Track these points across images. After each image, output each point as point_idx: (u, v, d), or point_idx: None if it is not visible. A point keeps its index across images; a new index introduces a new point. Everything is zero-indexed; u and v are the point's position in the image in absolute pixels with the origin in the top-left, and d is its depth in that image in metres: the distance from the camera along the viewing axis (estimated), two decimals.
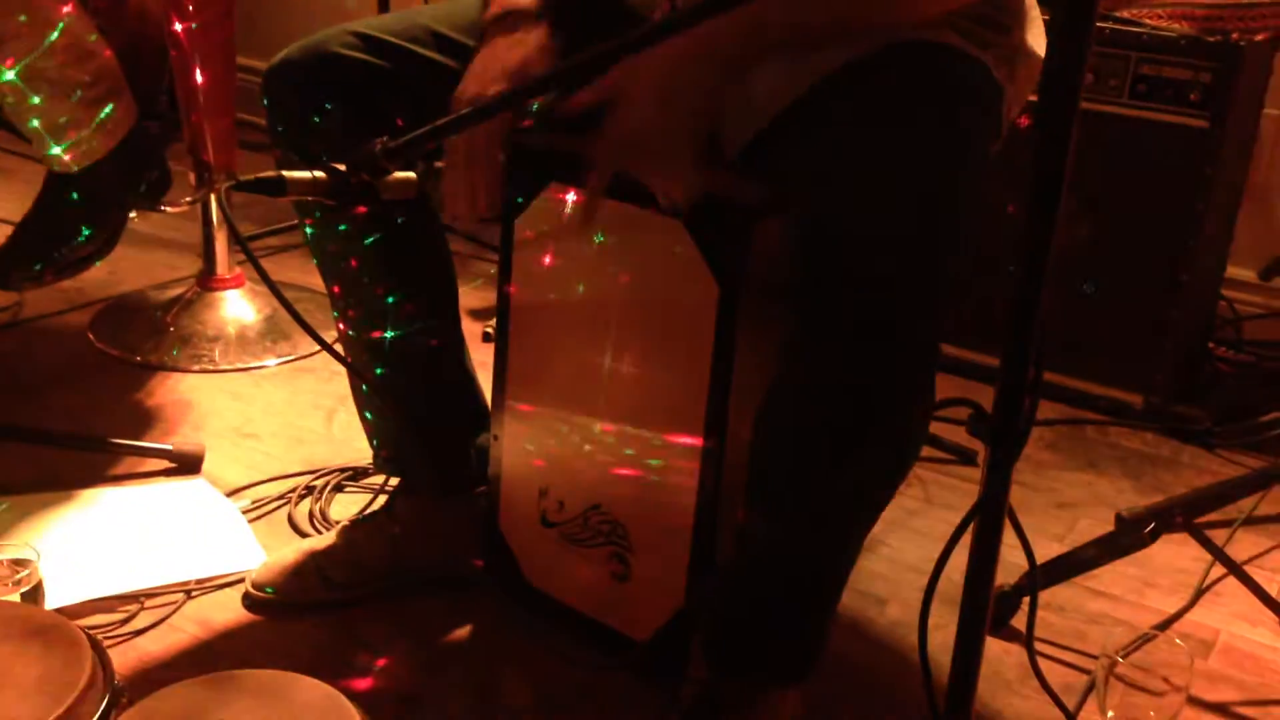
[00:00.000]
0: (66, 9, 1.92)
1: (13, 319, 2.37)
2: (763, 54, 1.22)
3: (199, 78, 2.22)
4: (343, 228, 1.44)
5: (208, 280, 2.40)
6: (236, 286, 2.41)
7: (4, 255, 2.00)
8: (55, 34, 1.89)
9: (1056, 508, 1.94)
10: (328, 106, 1.40)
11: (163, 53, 2.27)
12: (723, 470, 1.34)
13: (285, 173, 1.10)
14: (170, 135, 2.41)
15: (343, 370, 1.63)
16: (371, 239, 1.47)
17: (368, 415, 1.67)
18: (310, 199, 1.16)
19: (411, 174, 1.25)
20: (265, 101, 1.44)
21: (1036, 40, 1.33)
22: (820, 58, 1.22)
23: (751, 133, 1.28)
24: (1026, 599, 1.60)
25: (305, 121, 1.39)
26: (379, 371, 1.58)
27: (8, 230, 2.06)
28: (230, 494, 1.83)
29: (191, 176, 2.32)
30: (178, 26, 2.19)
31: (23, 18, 1.87)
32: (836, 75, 1.19)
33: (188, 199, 2.32)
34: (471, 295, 2.47)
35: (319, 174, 1.11)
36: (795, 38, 1.22)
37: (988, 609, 0.93)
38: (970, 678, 0.95)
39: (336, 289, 1.55)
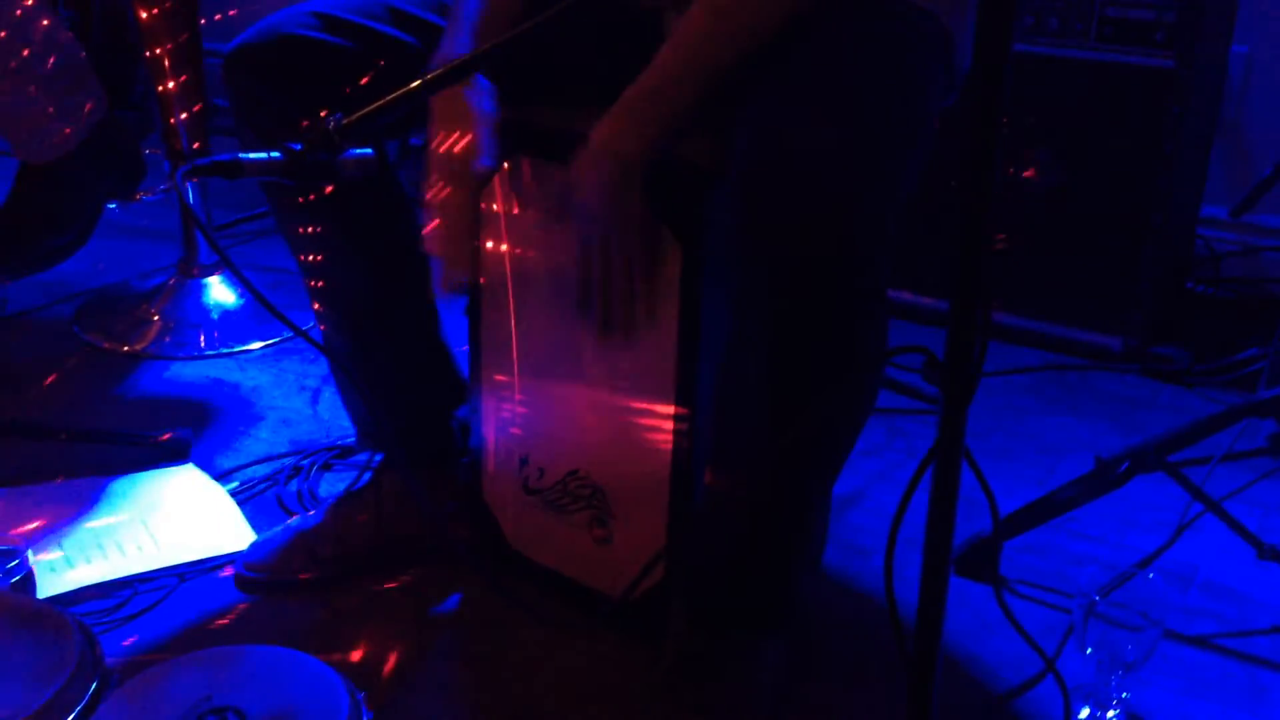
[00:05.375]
0: (29, 2, 1.93)
1: None
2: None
3: (166, 64, 2.23)
4: (305, 204, 1.45)
5: (189, 267, 2.41)
6: (218, 272, 2.42)
7: None
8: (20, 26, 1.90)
9: (1038, 452, 1.96)
10: (289, 89, 1.41)
11: (134, 43, 2.28)
12: (696, 430, 1.36)
13: (240, 154, 1.11)
14: (146, 125, 2.42)
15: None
16: (335, 213, 1.48)
17: (347, 393, 1.69)
18: (270, 180, 1.17)
19: (369, 150, 1.26)
20: (227, 86, 1.45)
21: None
22: None
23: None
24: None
25: (267, 104, 1.40)
26: (354, 347, 1.60)
27: None
28: (219, 477, 1.85)
29: (167, 165, 2.33)
30: (143, 15, 2.19)
31: None
32: (783, 33, 1.20)
33: (161, 187, 2.33)
34: None
35: (275, 155, 1.11)
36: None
37: (948, 552, 0.95)
38: (935, 619, 0.97)
39: (305, 265, 1.56)
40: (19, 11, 1.89)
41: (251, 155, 1.11)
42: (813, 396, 1.23)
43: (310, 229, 1.48)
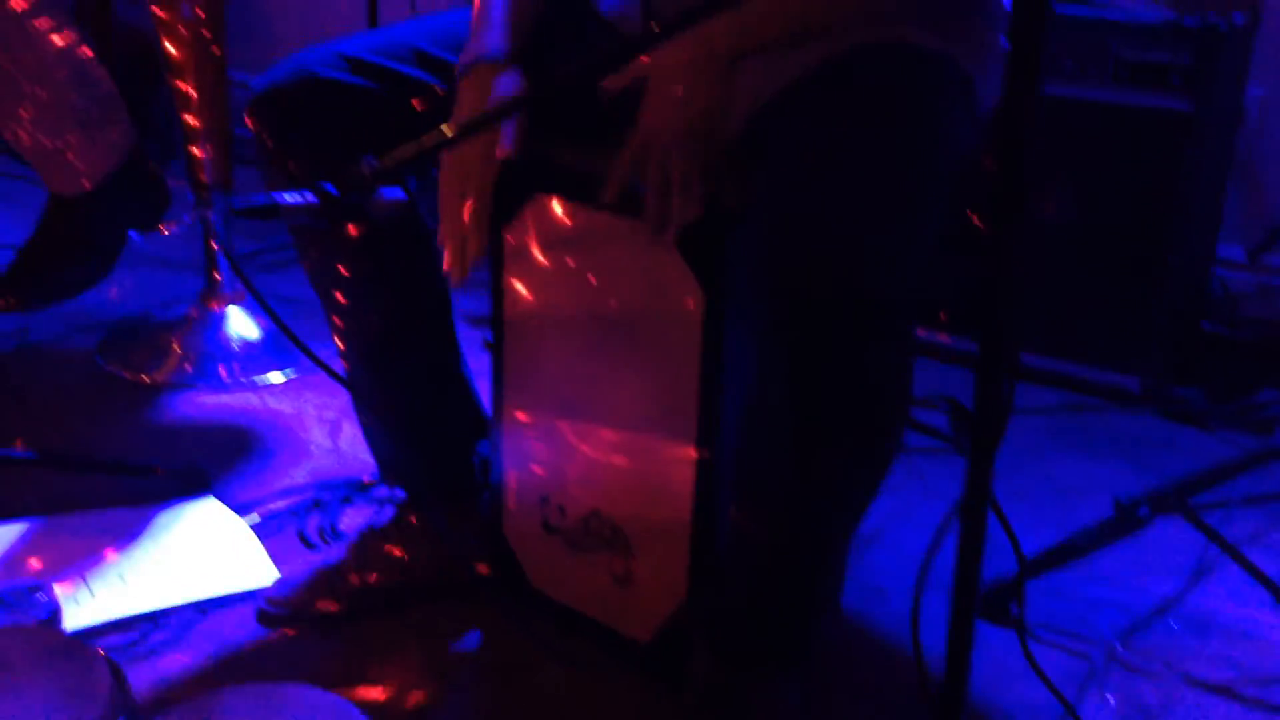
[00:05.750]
0: (60, 36, 1.95)
1: (20, 342, 2.40)
2: (746, 54, 1.26)
3: (193, 97, 2.25)
4: (332, 242, 1.47)
5: (211, 298, 2.43)
6: (239, 303, 2.44)
7: (6, 279, 2.02)
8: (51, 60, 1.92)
9: (1056, 494, 1.96)
10: (317, 130, 1.43)
11: (156, 71, 2.30)
12: (718, 470, 1.37)
13: (277, 195, 1.13)
14: (168, 153, 2.44)
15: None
16: (361, 251, 1.49)
17: (369, 427, 1.70)
18: (302, 221, 1.19)
19: (400, 192, 1.28)
20: (253, 127, 1.46)
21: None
22: (793, 58, 1.24)
23: (727, 135, 1.31)
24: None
25: (295, 145, 1.41)
26: (375, 381, 1.61)
27: (7, 255, 2.10)
28: (239, 510, 1.86)
29: (190, 196, 2.35)
30: (170, 48, 2.22)
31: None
32: (804, 80, 1.22)
33: (185, 219, 2.35)
34: (470, 302, 2.50)
35: (310, 196, 1.13)
36: (777, 36, 1.25)
37: (974, 598, 0.96)
38: (962, 666, 0.98)
39: (327, 300, 1.57)
40: (50, 43, 1.92)
41: (288, 197, 1.12)
42: (835, 437, 1.24)
43: (336, 266, 1.49)
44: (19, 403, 2.19)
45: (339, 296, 1.53)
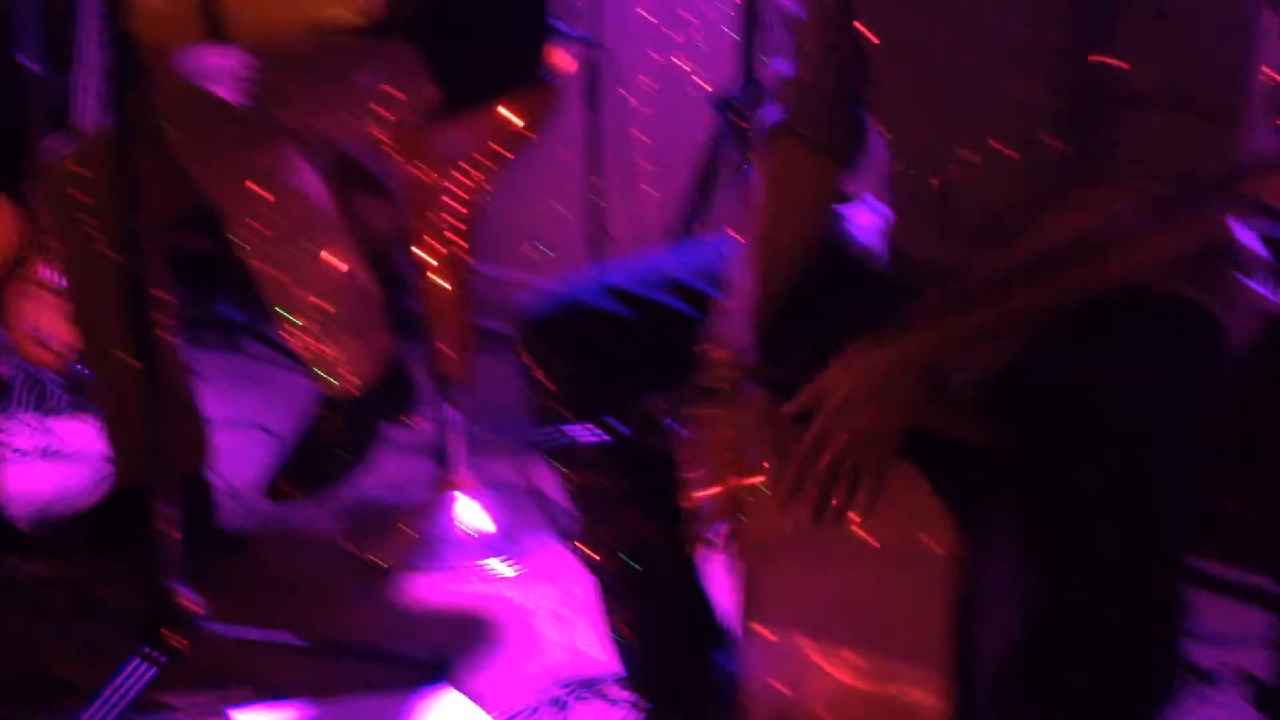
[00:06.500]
0: (334, 249, 2.11)
1: (263, 526, 2.52)
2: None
3: (439, 294, 2.40)
4: (591, 465, 1.54)
5: (446, 485, 2.54)
6: (472, 491, 2.54)
7: (286, 472, 2.18)
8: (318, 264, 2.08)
9: None
10: (581, 357, 1.51)
11: (396, 271, 2.47)
12: (968, 708, 1.36)
13: (574, 432, 1.19)
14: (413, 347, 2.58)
15: (583, 577, 1.72)
16: (618, 475, 1.56)
17: (608, 627, 1.74)
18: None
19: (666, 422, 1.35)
20: (524, 356, 1.55)
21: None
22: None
23: (976, 377, 1.34)
24: None
25: (565, 376, 1.50)
26: (616, 585, 1.66)
27: (263, 437, 2.23)
28: (475, 701, 1.91)
29: (428, 383, 2.47)
30: (417, 250, 2.38)
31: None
32: (1058, 329, 1.25)
33: (428, 411, 2.47)
34: None
35: (600, 433, 1.19)
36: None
37: None
38: None
39: (582, 506, 1.63)
40: (326, 257, 2.08)
41: (580, 437, 1.19)
42: (1102, 676, 1.23)
43: (601, 483, 1.56)
44: (260, 584, 2.31)
45: (596, 510, 1.59)
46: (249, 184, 2.00)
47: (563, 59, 2.39)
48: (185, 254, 2.41)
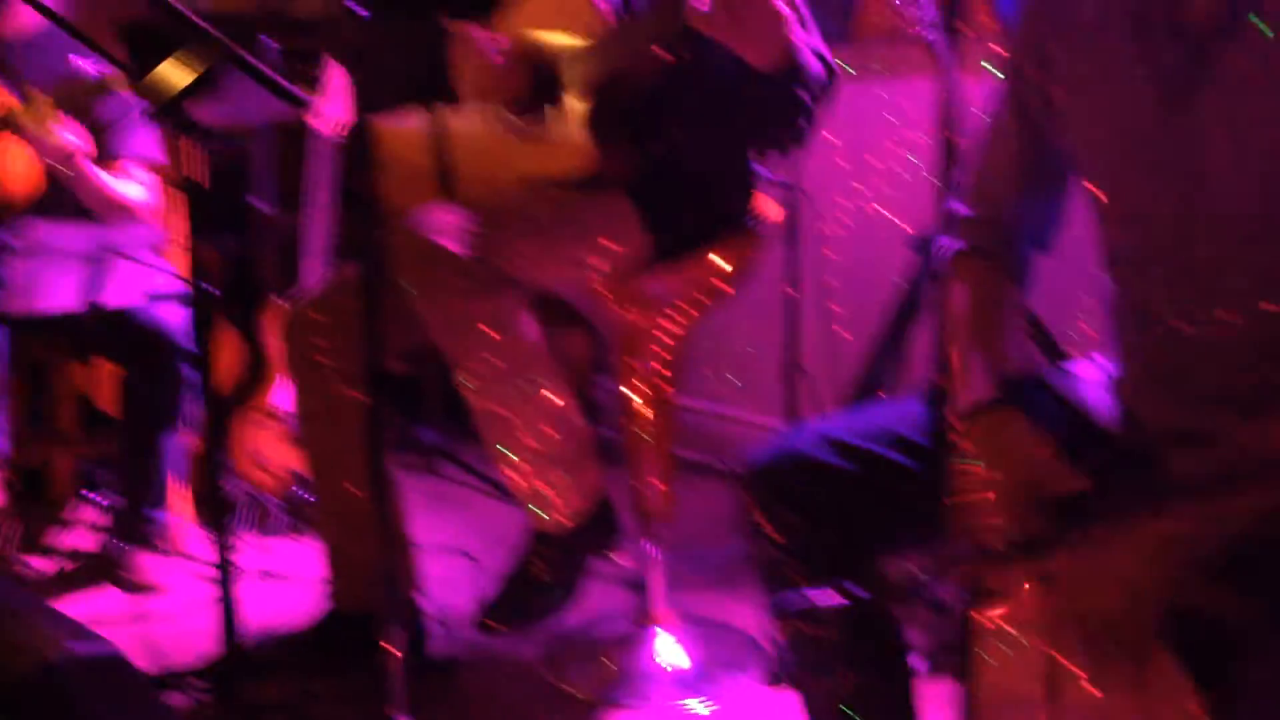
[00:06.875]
0: (552, 390, 2.20)
1: (469, 653, 2.59)
2: None
3: (645, 434, 2.47)
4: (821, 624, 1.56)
5: (645, 619, 2.58)
6: (672, 626, 2.57)
7: (497, 606, 2.25)
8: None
9: None
10: (801, 508, 1.55)
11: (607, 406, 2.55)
12: None
13: (815, 596, 1.22)
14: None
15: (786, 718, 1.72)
16: (840, 627, 1.58)
17: None
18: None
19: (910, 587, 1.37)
20: (744, 501, 1.59)
21: None
22: None
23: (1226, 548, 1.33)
24: None
25: (794, 529, 1.53)
26: None
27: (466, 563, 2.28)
28: None
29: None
30: (625, 390, 2.46)
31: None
32: None
33: (628, 545, 2.52)
34: None
35: (839, 599, 1.22)
36: None
37: None
38: None
39: (798, 650, 1.63)
40: (545, 395, 2.17)
41: (819, 600, 1.22)
42: None
43: (819, 641, 1.58)
44: (477, 711, 2.38)
45: (820, 662, 1.60)
46: (478, 328, 2.11)
47: (769, 207, 2.47)
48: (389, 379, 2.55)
